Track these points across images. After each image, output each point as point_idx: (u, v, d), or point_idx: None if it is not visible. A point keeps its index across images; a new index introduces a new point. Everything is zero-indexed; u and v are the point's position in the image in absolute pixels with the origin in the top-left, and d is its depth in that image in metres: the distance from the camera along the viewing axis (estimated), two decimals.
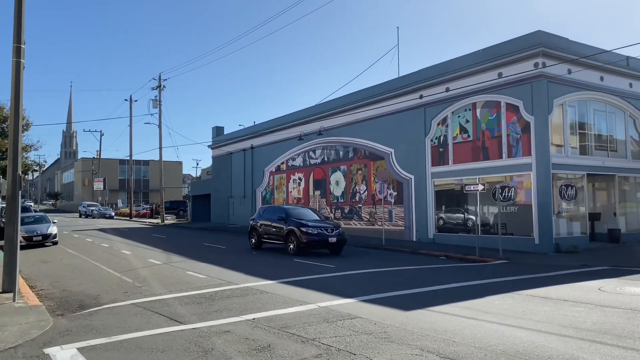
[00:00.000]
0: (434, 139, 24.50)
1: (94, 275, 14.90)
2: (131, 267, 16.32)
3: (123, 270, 15.67)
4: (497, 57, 21.25)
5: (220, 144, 45.37)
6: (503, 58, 21.03)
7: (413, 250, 20.92)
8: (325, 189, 31.84)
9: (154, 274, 14.87)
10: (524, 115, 20.51)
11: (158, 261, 17.73)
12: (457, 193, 23.44)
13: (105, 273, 15.33)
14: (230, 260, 18.19)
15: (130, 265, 16.95)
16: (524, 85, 20.47)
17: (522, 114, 20.60)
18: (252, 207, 39.71)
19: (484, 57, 21.87)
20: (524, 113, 20.50)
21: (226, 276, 14.07)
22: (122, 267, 16.37)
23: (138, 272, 15.23)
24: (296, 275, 14.04)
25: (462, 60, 23.04)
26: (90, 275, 14.92)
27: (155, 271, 15.40)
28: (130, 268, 16.18)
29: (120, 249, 22.31)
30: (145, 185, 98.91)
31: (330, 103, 31.61)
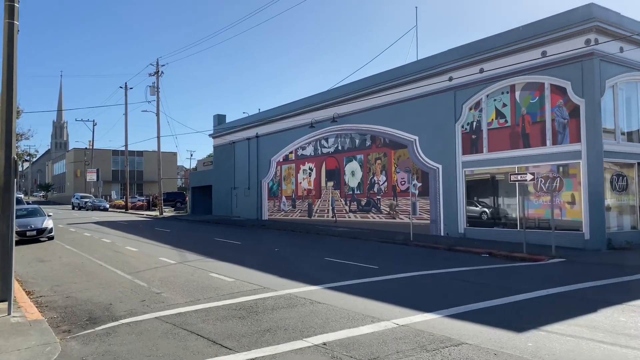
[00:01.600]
0: (466, 124, 22.52)
1: (100, 278, 12.83)
2: (142, 268, 14.26)
3: (133, 272, 13.61)
4: (541, 34, 19.25)
5: (222, 132, 43.16)
6: (548, 35, 19.04)
7: (449, 246, 18.99)
8: (339, 179, 29.83)
9: (172, 276, 12.82)
10: (572, 97, 18.57)
11: (171, 260, 15.66)
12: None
13: (113, 275, 13.27)
14: (252, 258, 16.16)
15: (140, 264, 14.88)
16: (573, 64, 18.51)
17: (569, 97, 18.66)
18: (258, 199, 37.67)
19: (526, 34, 19.87)
20: (572, 95, 18.56)
21: (257, 279, 12.05)
22: (132, 268, 14.30)
23: (152, 274, 13.18)
24: (339, 278, 12.06)
25: (498, 39, 21.03)
26: (96, 278, 12.85)
27: (172, 272, 13.35)
28: (141, 268, 14.12)
29: (124, 245, 20.20)
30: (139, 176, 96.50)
31: (344, 88, 29.51)
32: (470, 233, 21.99)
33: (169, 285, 11.55)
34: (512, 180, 17.75)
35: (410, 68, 25.18)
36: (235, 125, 40.93)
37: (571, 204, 18.76)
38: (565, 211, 19.62)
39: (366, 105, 27.67)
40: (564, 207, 19.32)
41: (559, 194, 18.56)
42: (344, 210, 29.29)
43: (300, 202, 33.14)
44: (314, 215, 31.59)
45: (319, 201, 31.39)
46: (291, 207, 33.95)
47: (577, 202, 18.53)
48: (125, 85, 56.71)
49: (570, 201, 18.79)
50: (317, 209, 31.41)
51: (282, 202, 34.94)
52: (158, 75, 47.01)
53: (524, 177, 17.24)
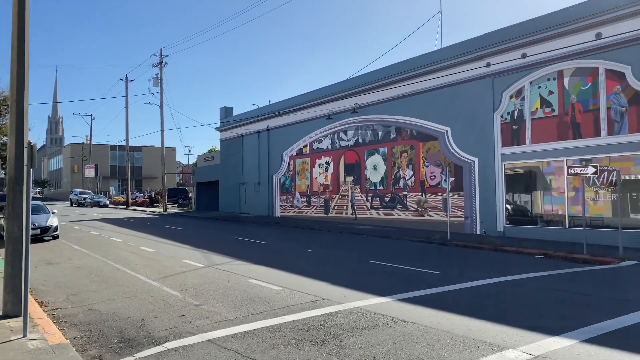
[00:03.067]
0: (505, 114, 20.84)
1: (122, 285, 11.09)
2: (167, 272, 12.53)
3: (159, 277, 11.88)
4: (595, 14, 17.60)
5: (229, 125, 41.34)
6: (603, 15, 17.39)
7: (495, 246, 17.31)
8: (360, 174, 28.12)
9: (205, 283, 11.09)
10: (632, 83, 16.93)
11: (197, 262, 13.93)
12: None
13: (136, 281, 11.53)
14: (288, 261, 14.45)
15: (164, 268, 13.14)
16: (633, 47, 16.86)
17: (629, 82, 17.02)
18: (269, 195, 35.93)
19: (577, 15, 18.20)
20: (632, 81, 16.91)
21: (308, 287, 10.35)
22: (155, 272, 12.57)
23: (181, 280, 11.45)
24: (404, 286, 10.37)
25: (544, 20, 19.35)
26: (117, 285, 11.11)
27: (204, 278, 11.62)
28: (167, 273, 12.38)
29: (138, 244, 18.44)
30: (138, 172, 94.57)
31: (365, 77, 27.76)
32: (511, 231, 20.35)
33: (207, 295, 9.82)
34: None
35: (441, 54, 23.46)
36: (244, 118, 39.13)
37: (631, 200, 17.13)
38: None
39: (390, 95, 25.95)
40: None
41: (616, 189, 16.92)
42: (364, 207, 27.60)
43: (315, 198, 31.43)
44: (332, 212, 29.89)
45: (337, 197, 29.68)
46: (306, 203, 32.23)
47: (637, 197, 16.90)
48: (126, 77, 54.85)
49: (627, 196, 17.15)
50: (335, 205, 29.71)
51: (296, 198, 33.22)
52: (162, 66, 45.14)
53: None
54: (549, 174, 19.21)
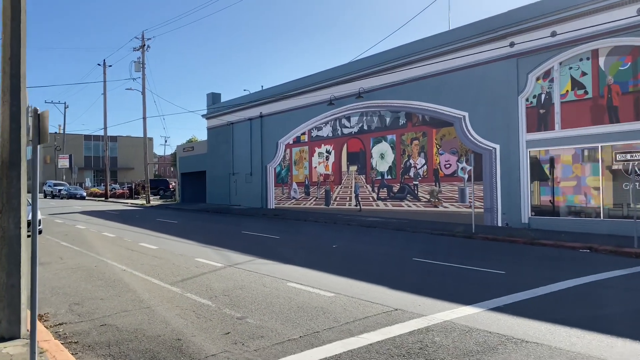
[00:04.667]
0: (531, 97, 19.40)
1: (133, 290, 9.22)
2: (183, 274, 10.67)
3: (176, 280, 10.03)
4: None
5: (219, 112, 39.14)
6: None
7: (530, 239, 15.88)
8: (365, 163, 26.47)
9: (236, 287, 9.29)
10: None
11: (213, 261, 12.09)
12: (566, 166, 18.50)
13: (150, 285, 9.66)
14: (322, 259, 12.75)
15: (176, 269, 11.27)
16: None
17: None
18: (263, 186, 34.04)
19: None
20: None
21: (367, 293, 8.66)
22: (169, 274, 10.70)
23: (204, 284, 9.62)
24: (476, 291, 8.78)
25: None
26: (129, 291, 9.23)
27: (232, 282, 9.81)
28: (183, 275, 10.53)
29: (135, 240, 16.46)
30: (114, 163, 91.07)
31: (371, 59, 26.03)
32: (536, 223, 18.99)
33: (246, 304, 8.05)
34: (617, 160, 14.72)
35: (458, 33, 21.87)
36: (235, 104, 37.04)
37: None
38: (590, 197, 17.57)
39: (400, 78, 24.31)
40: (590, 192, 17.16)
41: None
42: (370, 197, 25.99)
43: (315, 189, 29.69)
44: (333, 204, 28.21)
45: (339, 188, 28.00)
46: (304, 194, 30.46)
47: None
48: (104, 62, 52.06)
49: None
50: (337, 196, 28.03)
51: (293, 189, 31.41)
52: (144, 50, 42.60)
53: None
54: (581, 161, 17.85)
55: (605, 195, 17.29)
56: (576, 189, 18.13)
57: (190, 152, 53.08)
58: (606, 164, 17.24)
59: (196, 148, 52.63)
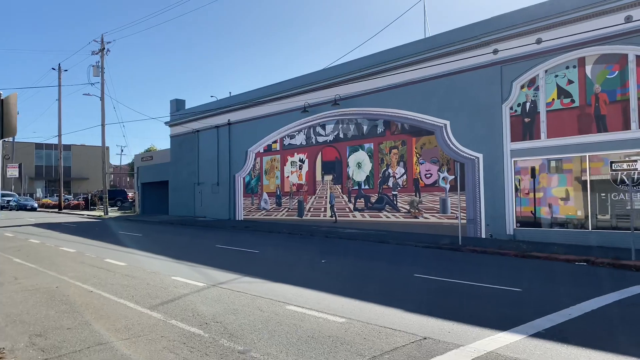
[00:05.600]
0: (516, 106, 18.96)
1: (107, 317, 7.87)
2: (162, 296, 9.34)
3: (155, 303, 8.71)
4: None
5: (182, 119, 37.49)
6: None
7: (521, 252, 15.25)
8: (341, 172, 25.53)
9: (227, 311, 8.07)
10: None
11: (193, 280, 10.77)
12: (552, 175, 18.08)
13: (125, 310, 8.32)
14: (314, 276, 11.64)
15: (154, 289, 9.92)
16: None
17: None
18: (231, 197, 32.60)
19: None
20: None
21: (382, 318, 7.62)
22: (145, 295, 9.36)
23: (189, 307, 8.36)
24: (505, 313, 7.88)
25: (562, 2, 17.61)
26: (101, 317, 7.88)
27: (221, 305, 8.57)
28: (162, 297, 9.20)
29: (100, 256, 14.89)
30: (67, 172, 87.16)
31: (348, 65, 25.24)
32: (522, 234, 18.47)
33: (245, 334, 6.86)
34: (614, 169, 14.28)
35: (440, 39, 21.32)
36: (201, 111, 35.52)
37: None
38: (558, 207, 17.57)
39: (378, 86, 23.58)
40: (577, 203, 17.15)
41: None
42: (346, 208, 25.04)
43: (287, 200, 28.51)
44: (307, 215, 27.11)
45: (313, 198, 26.94)
46: (275, 205, 29.23)
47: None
48: (59, 66, 49.48)
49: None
50: (311, 207, 26.95)
51: (263, 199, 30.13)
52: (103, 53, 40.54)
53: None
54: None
55: (592, 206, 16.90)
56: (563, 199, 17.70)
57: (149, 161, 51.03)
58: (594, 174, 16.88)
59: (155, 157, 50.59)
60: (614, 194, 16.46)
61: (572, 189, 17.45)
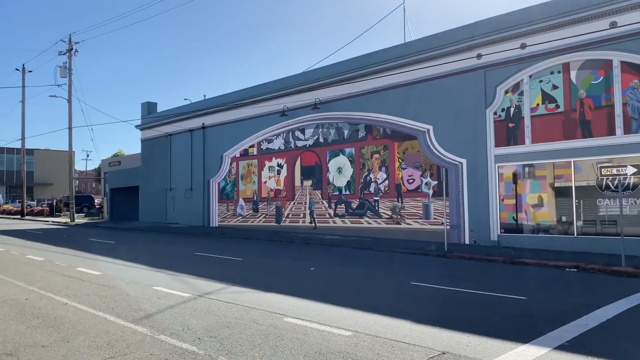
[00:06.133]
0: (500, 111, 18.83)
1: (86, 333, 7.12)
2: (145, 307, 8.60)
3: (138, 317, 7.99)
4: (612, 0, 16.05)
5: (154, 123, 36.39)
6: (622, 1, 15.87)
7: (510, 259, 14.98)
8: (321, 178, 25.02)
9: (221, 325, 7.41)
10: None
11: (177, 290, 10.04)
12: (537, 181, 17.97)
13: (106, 324, 7.57)
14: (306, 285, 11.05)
15: (135, 300, 9.15)
16: None
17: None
18: (205, 202, 31.67)
19: (587, 2, 16.58)
20: None
21: (390, 330, 7.10)
22: (127, 307, 8.60)
23: (177, 320, 7.67)
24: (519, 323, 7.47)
25: (547, 8, 17.59)
26: (79, 333, 7.12)
27: (213, 317, 7.90)
28: (146, 309, 8.46)
29: (71, 264, 13.94)
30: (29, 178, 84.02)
31: (329, 69, 24.81)
32: (506, 240, 18.28)
33: (245, 351, 6.23)
34: (602, 175, 14.18)
35: (423, 43, 21.10)
36: (174, 114, 34.51)
37: None
38: (530, 215, 17.76)
39: (359, 89, 23.21)
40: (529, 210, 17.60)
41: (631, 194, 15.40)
42: (326, 214, 24.52)
43: (264, 206, 27.80)
44: (285, 221, 26.46)
45: (292, 204, 26.32)
46: (252, 210, 28.47)
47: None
48: (23, 67, 47.63)
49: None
50: (289, 213, 26.32)
51: (239, 205, 29.33)
52: (71, 54, 39.11)
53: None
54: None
55: (577, 212, 16.83)
56: (548, 205, 17.60)
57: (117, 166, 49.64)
58: (579, 179, 16.83)
59: (124, 162, 49.20)
60: (599, 199, 16.41)
61: (557, 194, 17.37)
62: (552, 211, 17.49)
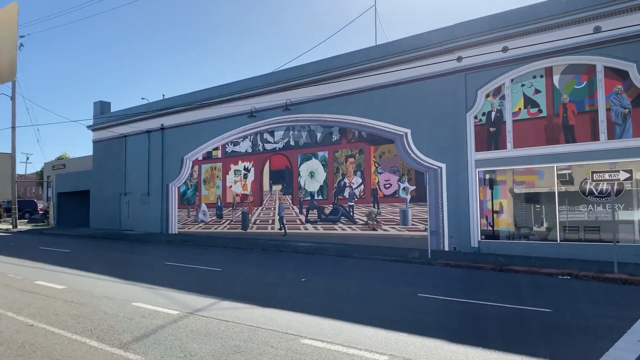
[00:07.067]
0: (480, 115, 18.49)
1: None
2: (129, 329, 7.36)
3: (125, 341, 6.77)
4: (595, 5, 15.99)
5: (108, 123, 34.29)
6: (605, 6, 15.83)
7: (499, 266, 14.48)
8: (291, 182, 24.01)
9: (229, 351, 6.32)
10: (636, 82, 15.49)
11: (161, 307, 8.80)
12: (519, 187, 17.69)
13: (86, 351, 6.33)
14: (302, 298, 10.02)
15: (115, 320, 7.87)
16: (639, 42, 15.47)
17: (633, 81, 15.56)
18: (163, 208, 29.96)
19: (571, 6, 16.48)
20: (636, 79, 15.47)
21: (430, 352, 6.23)
22: (105, 329, 7.33)
23: (173, 345, 6.52)
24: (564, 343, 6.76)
25: (530, 11, 17.41)
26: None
27: (215, 340, 6.79)
28: (131, 331, 7.23)
29: (27, 277, 12.31)
30: None
31: (300, 69, 23.90)
32: (487, 247, 17.91)
33: None
34: (594, 180, 13.93)
35: (401, 45, 20.55)
36: (130, 114, 32.59)
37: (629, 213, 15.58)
38: (525, 219, 17.39)
39: (333, 91, 22.43)
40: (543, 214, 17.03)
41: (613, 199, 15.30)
42: (297, 220, 23.51)
43: (229, 211, 26.48)
44: (252, 227, 25.25)
45: (259, 209, 25.16)
46: (215, 217, 27.07)
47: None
48: None
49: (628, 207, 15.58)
50: (257, 219, 25.13)
51: (202, 211, 27.86)
52: None
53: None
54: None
55: (560, 218, 16.61)
56: (529, 211, 17.34)
57: (62, 169, 47.06)
58: (561, 185, 16.65)
59: (70, 165, 46.56)
60: (582, 205, 16.25)
61: (540, 199, 17.12)
62: (537, 217, 17.23)
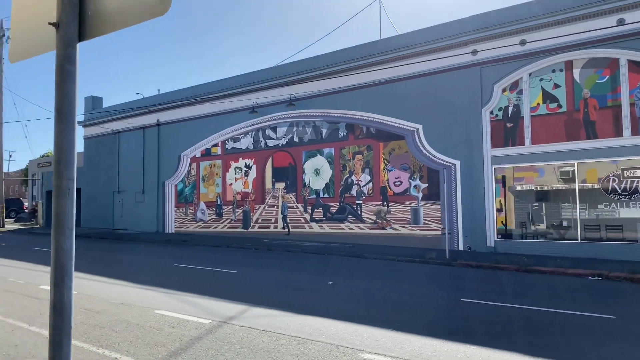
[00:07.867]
0: (497, 110, 17.92)
1: None
2: (160, 341, 6.57)
3: (160, 356, 5.99)
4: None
5: (100, 119, 33.19)
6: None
7: (524, 266, 13.93)
8: (295, 180, 23.26)
9: None
10: None
11: (189, 315, 8.02)
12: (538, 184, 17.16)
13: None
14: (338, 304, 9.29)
15: (141, 331, 7.09)
16: None
17: None
18: (159, 207, 29.01)
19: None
20: None
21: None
22: (133, 341, 6.55)
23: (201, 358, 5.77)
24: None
25: (549, 4, 16.86)
26: None
27: (262, 354, 6.03)
28: (164, 344, 6.45)
29: (31, 281, 11.42)
30: None
31: (305, 63, 23.14)
32: (503, 246, 17.37)
33: None
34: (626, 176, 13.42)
35: (412, 38, 19.90)
36: (124, 109, 31.55)
37: None
38: (543, 217, 16.96)
39: (340, 85, 21.72)
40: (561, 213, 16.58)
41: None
42: (301, 219, 22.78)
43: (229, 210, 25.65)
44: (253, 226, 24.46)
45: (262, 208, 24.37)
46: (215, 215, 26.23)
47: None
48: None
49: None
50: (259, 218, 24.35)
51: (200, 209, 26.98)
52: (2, 41, 35.03)
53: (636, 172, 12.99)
54: (556, 180, 16.57)
55: (580, 216, 16.12)
56: (549, 209, 16.81)
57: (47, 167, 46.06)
58: (582, 182, 16.15)
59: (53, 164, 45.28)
60: (604, 203, 15.76)
61: (560, 198, 16.60)
62: (556, 215, 16.71)
